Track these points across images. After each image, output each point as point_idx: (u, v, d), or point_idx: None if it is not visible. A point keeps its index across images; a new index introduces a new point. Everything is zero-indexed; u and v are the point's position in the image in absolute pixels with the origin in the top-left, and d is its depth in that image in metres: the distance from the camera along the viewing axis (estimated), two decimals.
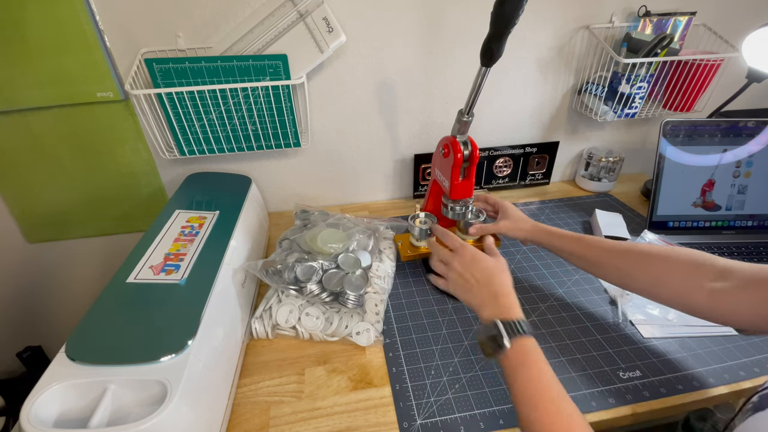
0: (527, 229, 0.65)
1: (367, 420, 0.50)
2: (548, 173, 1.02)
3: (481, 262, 0.55)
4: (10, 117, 0.74)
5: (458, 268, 0.56)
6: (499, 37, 0.53)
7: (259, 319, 0.61)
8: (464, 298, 0.54)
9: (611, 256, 0.55)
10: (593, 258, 0.57)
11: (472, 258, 0.56)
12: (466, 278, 0.54)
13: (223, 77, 0.71)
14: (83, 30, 0.67)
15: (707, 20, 0.85)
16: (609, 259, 0.55)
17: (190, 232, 0.61)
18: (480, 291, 0.52)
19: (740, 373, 0.54)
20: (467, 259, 0.56)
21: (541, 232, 0.64)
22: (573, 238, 0.60)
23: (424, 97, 0.87)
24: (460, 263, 0.56)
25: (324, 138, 0.88)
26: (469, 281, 0.53)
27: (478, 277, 0.53)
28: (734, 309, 0.45)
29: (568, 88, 0.93)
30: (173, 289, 0.50)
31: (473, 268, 0.54)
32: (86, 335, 0.44)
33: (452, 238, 0.61)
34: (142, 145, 0.82)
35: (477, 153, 0.63)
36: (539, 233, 0.64)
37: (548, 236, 0.63)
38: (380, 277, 0.67)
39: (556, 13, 0.82)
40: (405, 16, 0.77)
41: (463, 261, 0.56)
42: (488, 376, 0.55)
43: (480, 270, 0.54)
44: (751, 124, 0.78)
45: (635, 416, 0.50)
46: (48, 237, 0.90)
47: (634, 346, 0.58)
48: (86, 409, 0.40)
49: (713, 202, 0.81)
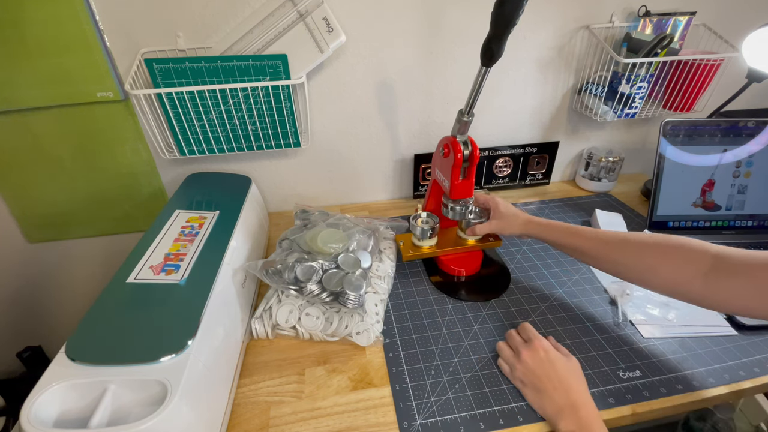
0: (519, 224, 0.66)
1: (367, 420, 0.50)
2: (548, 173, 1.02)
3: (556, 362, 0.51)
4: (10, 117, 0.74)
5: (529, 364, 0.51)
6: (499, 37, 0.53)
7: (259, 319, 0.61)
8: (533, 398, 0.50)
9: (606, 248, 0.55)
10: (587, 249, 0.57)
11: (546, 356, 0.51)
12: (538, 376, 0.50)
13: (223, 77, 0.71)
14: (83, 30, 0.67)
15: (707, 20, 0.85)
16: (603, 251, 0.55)
17: (190, 232, 0.61)
18: (557, 397, 0.48)
19: (740, 373, 0.54)
20: (540, 355, 0.52)
21: (534, 225, 0.64)
22: (566, 230, 0.60)
23: (424, 97, 0.87)
24: (531, 359, 0.52)
25: (324, 138, 0.88)
26: (542, 382, 0.49)
27: (554, 380, 0.49)
28: (728, 296, 0.45)
29: (568, 88, 0.93)
30: (173, 289, 0.50)
31: (548, 368, 0.50)
32: (86, 335, 0.44)
33: (528, 329, 0.57)
34: (142, 145, 0.82)
35: (477, 153, 0.63)
36: (532, 227, 0.64)
37: (541, 229, 0.63)
38: (380, 277, 0.67)
39: (556, 13, 0.82)
40: (405, 16, 0.77)
41: (536, 357, 0.52)
42: (488, 376, 0.55)
43: (555, 371, 0.50)
44: (751, 124, 0.78)
45: (635, 416, 0.50)
46: (48, 237, 0.90)
47: (634, 346, 0.58)
48: (86, 409, 0.40)
49: (713, 202, 0.81)
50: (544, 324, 0.62)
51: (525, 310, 0.65)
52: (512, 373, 0.53)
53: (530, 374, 0.51)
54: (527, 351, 0.52)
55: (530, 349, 0.53)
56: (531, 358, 0.52)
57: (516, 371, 0.52)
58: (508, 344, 0.57)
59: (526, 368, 0.51)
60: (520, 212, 0.68)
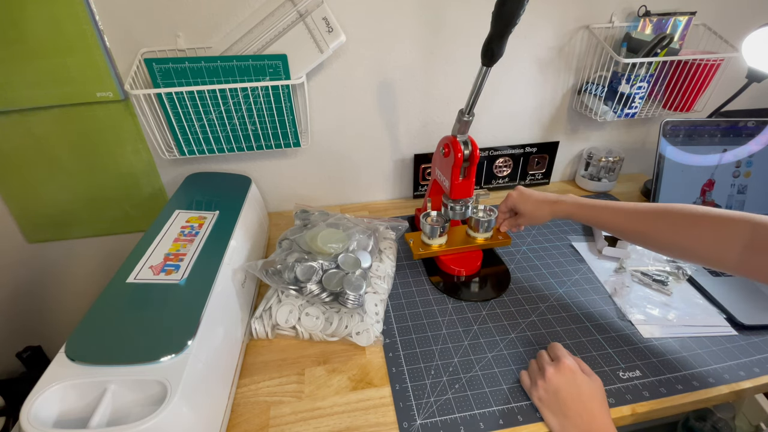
0: (546, 214, 0.65)
1: (367, 420, 0.50)
2: (548, 173, 1.02)
3: (582, 385, 0.48)
4: (10, 117, 0.74)
5: (553, 383, 0.49)
6: (499, 37, 0.53)
7: (259, 319, 0.61)
8: (552, 420, 0.48)
9: (637, 221, 0.55)
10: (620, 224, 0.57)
11: (572, 378, 0.49)
12: (563, 398, 0.48)
13: (223, 77, 0.71)
14: (83, 30, 0.67)
15: (707, 20, 0.85)
16: (635, 224, 0.55)
17: (189, 232, 0.61)
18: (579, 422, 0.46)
19: (740, 373, 0.54)
20: (567, 377, 0.49)
21: (562, 207, 0.64)
22: (599, 209, 0.59)
23: (424, 97, 0.87)
24: (557, 378, 0.49)
25: (324, 138, 0.88)
26: (566, 404, 0.47)
27: (578, 404, 0.47)
28: (764, 267, 0.45)
29: (568, 88, 0.93)
30: (173, 289, 0.50)
31: (573, 391, 0.48)
32: (86, 335, 0.44)
33: (557, 348, 0.54)
34: (142, 145, 0.82)
35: (477, 153, 0.63)
36: (560, 210, 0.64)
37: (570, 210, 0.63)
38: (380, 277, 0.67)
39: (556, 13, 0.82)
40: (405, 16, 0.77)
41: (561, 378, 0.49)
42: (488, 376, 0.55)
43: (579, 395, 0.48)
44: (751, 124, 0.78)
45: (635, 416, 0.51)
46: (48, 237, 0.90)
47: (634, 346, 0.58)
48: (86, 409, 0.40)
49: (713, 202, 0.81)
50: (544, 324, 0.62)
51: (525, 310, 0.65)
52: (532, 389, 0.51)
53: (553, 395, 0.48)
54: (553, 369, 0.50)
55: (557, 369, 0.50)
56: (556, 377, 0.49)
57: (538, 389, 0.50)
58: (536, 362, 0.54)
59: (548, 387, 0.49)
60: (544, 199, 0.66)
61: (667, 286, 0.68)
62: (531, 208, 0.67)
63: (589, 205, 0.61)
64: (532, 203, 0.67)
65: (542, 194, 0.67)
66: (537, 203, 0.66)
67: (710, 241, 0.48)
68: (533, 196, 0.67)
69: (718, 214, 0.48)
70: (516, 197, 0.69)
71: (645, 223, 0.54)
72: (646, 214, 0.54)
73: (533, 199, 0.67)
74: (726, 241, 0.47)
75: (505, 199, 0.71)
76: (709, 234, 0.48)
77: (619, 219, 0.57)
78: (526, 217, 0.68)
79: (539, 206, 0.66)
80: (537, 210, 0.66)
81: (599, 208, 0.59)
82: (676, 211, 0.52)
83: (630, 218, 0.56)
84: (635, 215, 0.55)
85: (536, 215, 0.66)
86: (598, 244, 0.77)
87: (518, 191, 0.69)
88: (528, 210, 0.67)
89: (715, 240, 0.48)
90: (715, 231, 0.48)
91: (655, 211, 0.54)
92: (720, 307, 0.64)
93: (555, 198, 0.65)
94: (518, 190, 0.69)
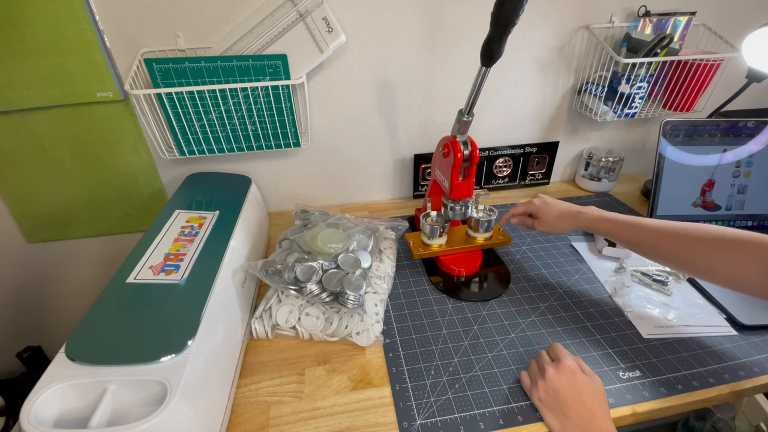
0: (566, 227, 0.65)
1: (367, 420, 0.50)
2: (548, 173, 1.02)
3: (582, 386, 0.48)
4: (10, 117, 0.74)
5: (554, 383, 0.48)
6: (499, 37, 0.53)
7: (259, 319, 0.61)
8: (552, 420, 0.48)
9: (662, 240, 0.55)
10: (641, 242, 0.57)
11: (573, 378, 0.49)
12: (563, 399, 0.47)
13: (222, 77, 0.71)
14: (83, 30, 0.67)
15: (707, 20, 0.85)
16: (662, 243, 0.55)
17: (189, 232, 0.61)
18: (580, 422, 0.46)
19: (740, 373, 0.54)
20: (567, 377, 0.49)
21: (584, 221, 0.63)
22: (622, 224, 0.59)
23: (424, 97, 0.87)
24: (557, 378, 0.49)
25: (324, 138, 0.88)
26: (566, 405, 0.47)
27: (578, 404, 0.47)
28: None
29: (568, 88, 0.93)
30: (173, 289, 0.50)
31: (573, 391, 0.48)
32: (86, 335, 0.44)
33: (557, 349, 0.53)
34: (142, 145, 0.82)
35: (477, 153, 0.63)
36: (581, 223, 0.64)
37: (592, 224, 0.62)
38: (380, 277, 0.67)
39: (556, 13, 0.82)
40: (405, 16, 0.77)
41: (561, 378, 0.49)
42: (488, 376, 0.55)
43: (580, 395, 0.47)
44: (751, 124, 0.78)
45: (635, 416, 0.51)
46: (48, 237, 0.90)
47: (634, 346, 0.58)
48: (86, 409, 0.40)
49: (713, 202, 0.81)
50: (544, 324, 0.63)
51: (525, 310, 0.65)
52: (532, 389, 0.51)
53: (553, 395, 0.48)
54: (553, 370, 0.50)
55: (557, 369, 0.50)
56: (556, 377, 0.49)
57: (538, 389, 0.50)
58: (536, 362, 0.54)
59: (549, 387, 0.49)
60: (567, 210, 0.65)
61: (667, 286, 0.68)
62: (552, 221, 0.66)
63: (612, 220, 0.60)
64: (554, 215, 0.66)
65: (565, 205, 0.66)
66: (559, 216, 0.66)
67: (732, 262, 0.49)
68: (556, 208, 0.67)
69: (741, 236, 0.49)
70: (539, 205, 0.68)
71: (669, 242, 0.54)
72: (670, 234, 0.54)
73: (556, 211, 0.66)
74: (748, 263, 0.47)
75: (527, 203, 0.71)
76: (732, 256, 0.49)
77: (643, 237, 0.57)
78: (545, 225, 0.67)
79: (561, 219, 0.66)
80: (558, 223, 0.66)
81: (623, 224, 0.59)
82: (701, 231, 0.52)
83: (654, 237, 0.55)
84: (659, 234, 0.55)
85: (557, 227, 0.66)
86: (598, 244, 0.77)
87: (542, 200, 0.69)
88: (548, 220, 0.67)
89: (738, 262, 0.48)
90: (737, 253, 0.48)
91: (679, 231, 0.54)
92: (720, 307, 0.64)
93: (577, 210, 0.64)
94: (542, 199, 0.69)
